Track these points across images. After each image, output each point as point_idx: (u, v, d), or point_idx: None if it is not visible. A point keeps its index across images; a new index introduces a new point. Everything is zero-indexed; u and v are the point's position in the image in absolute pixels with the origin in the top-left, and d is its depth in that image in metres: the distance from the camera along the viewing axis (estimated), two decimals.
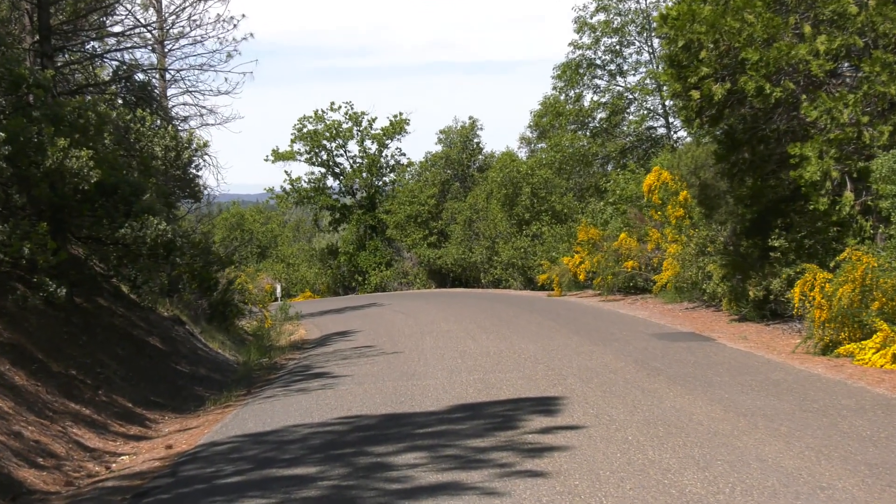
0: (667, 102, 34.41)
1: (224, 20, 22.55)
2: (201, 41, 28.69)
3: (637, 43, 36.48)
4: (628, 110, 37.24)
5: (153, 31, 20.35)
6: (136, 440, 9.94)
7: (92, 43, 17.81)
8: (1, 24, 14.96)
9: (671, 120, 35.85)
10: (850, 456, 6.71)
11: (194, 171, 19.35)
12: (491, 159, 41.72)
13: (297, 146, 46.84)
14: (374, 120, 47.06)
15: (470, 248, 36.81)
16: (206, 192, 21.67)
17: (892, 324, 10.86)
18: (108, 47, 18.37)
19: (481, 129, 43.56)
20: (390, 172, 47.73)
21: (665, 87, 27.58)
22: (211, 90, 30.14)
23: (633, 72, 37.08)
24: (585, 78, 36.92)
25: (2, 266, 11.61)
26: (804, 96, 12.76)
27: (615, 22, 35.90)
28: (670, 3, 15.43)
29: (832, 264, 12.20)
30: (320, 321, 24.66)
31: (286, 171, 50.48)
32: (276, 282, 41.81)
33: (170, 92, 22.35)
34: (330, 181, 48.20)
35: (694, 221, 19.01)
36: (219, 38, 28.17)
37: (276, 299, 35.26)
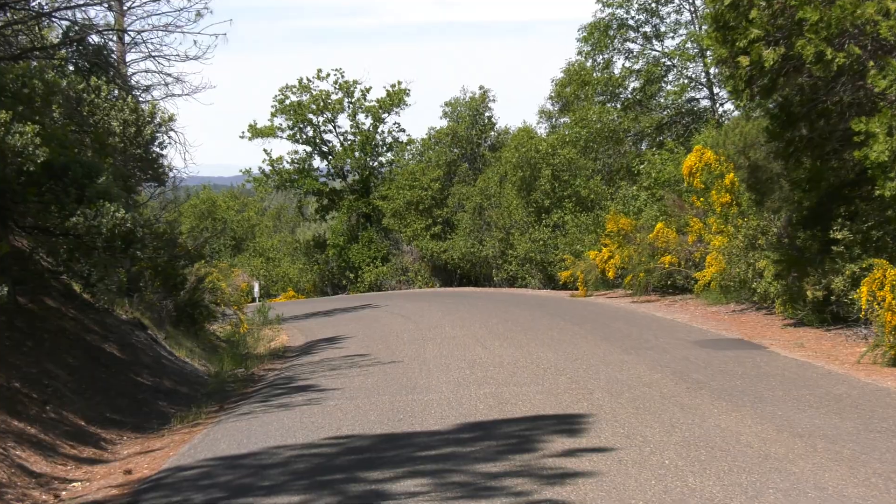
0: (711, 70, 34.34)
1: None
2: None
3: (676, 0, 36.40)
4: (666, 79, 37.19)
5: None
6: (90, 464, 9.97)
7: None
8: None
9: (716, 91, 35.80)
10: None
11: (158, 149, 19.34)
12: (505, 136, 41.78)
13: (279, 121, 46.98)
14: (368, 90, 47.18)
15: (480, 240, 36.85)
16: (171, 175, 21.67)
17: None
18: (57, 4, 18.36)
19: (493, 100, 43.56)
20: (387, 152, 47.82)
21: (709, 53, 27.52)
22: (177, 55, 30.05)
23: (671, 34, 37.01)
24: (616, 41, 36.87)
25: None
26: (871, 63, 12.69)
27: None
28: None
29: None
30: (305, 325, 24.71)
31: (265, 150, 50.68)
32: (254, 279, 41.98)
33: (129, 57, 22.38)
34: (317, 161, 48.37)
35: (742, 209, 18.99)
36: None
37: (253, 300, 35.40)
